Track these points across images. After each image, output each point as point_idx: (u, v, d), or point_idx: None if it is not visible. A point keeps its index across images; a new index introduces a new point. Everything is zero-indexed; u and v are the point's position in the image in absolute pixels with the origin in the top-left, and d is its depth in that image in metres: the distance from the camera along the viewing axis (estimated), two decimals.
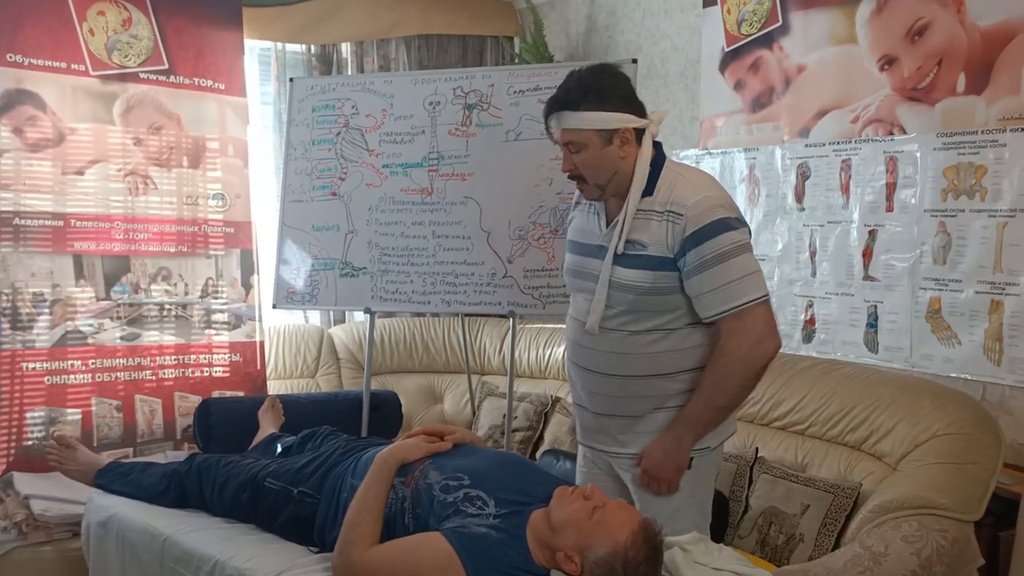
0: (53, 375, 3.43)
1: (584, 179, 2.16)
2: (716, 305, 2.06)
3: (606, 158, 2.12)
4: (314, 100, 3.71)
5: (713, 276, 2.05)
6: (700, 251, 2.04)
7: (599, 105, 2.08)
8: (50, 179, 3.43)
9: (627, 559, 1.84)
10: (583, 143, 2.11)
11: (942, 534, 2.26)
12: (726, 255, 2.04)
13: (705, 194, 2.08)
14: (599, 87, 2.10)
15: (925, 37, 2.96)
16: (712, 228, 2.04)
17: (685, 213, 2.05)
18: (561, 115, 2.12)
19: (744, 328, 2.06)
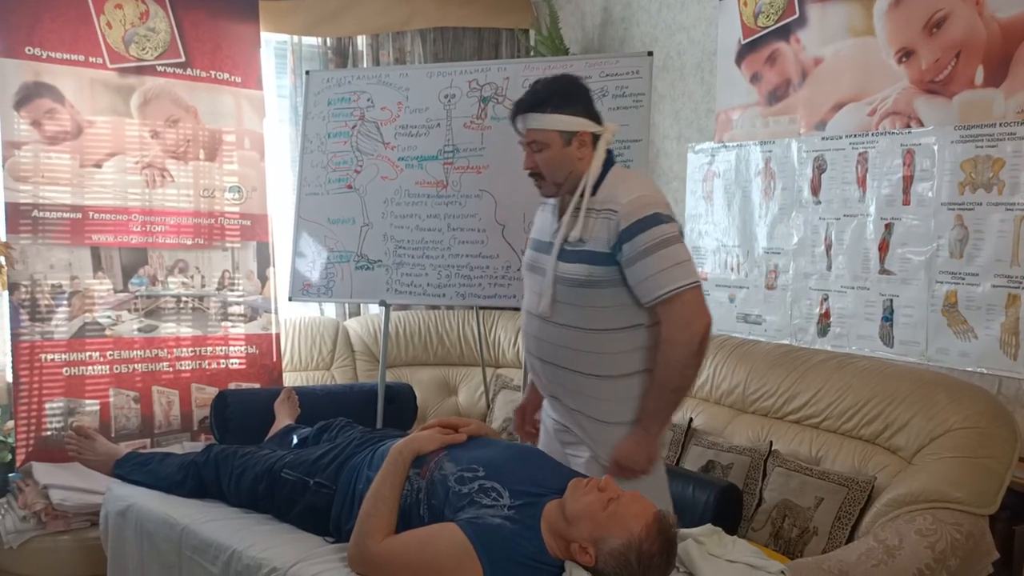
0: (71, 366, 3.47)
1: (543, 176, 2.34)
2: (651, 292, 2.21)
3: (565, 158, 2.29)
4: (330, 93, 3.72)
5: (646, 265, 2.20)
6: (634, 243, 2.20)
7: (563, 109, 2.27)
8: (68, 172, 3.46)
9: (641, 551, 1.85)
10: (546, 142, 2.28)
11: (957, 528, 2.26)
12: (657, 246, 2.19)
13: (639, 193, 2.24)
14: (564, 93, 2.30)
15: (943, 29, 2.94)
16: (644, 222, 2.19)
17: (619, 210, 2.22)
18: (528, 116, 2.30)
19: (675, 312, 2.21)
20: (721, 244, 3.78)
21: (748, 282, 3.68)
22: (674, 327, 2.21)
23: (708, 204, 3.84)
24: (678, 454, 3.05)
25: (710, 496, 2.59)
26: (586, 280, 2.24)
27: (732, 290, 3.75)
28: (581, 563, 1.92)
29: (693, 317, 2.21)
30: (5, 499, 3.24)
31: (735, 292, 3.74)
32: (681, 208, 3.98)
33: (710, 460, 2.91)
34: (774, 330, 3.56)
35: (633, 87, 3.33)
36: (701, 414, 3.19)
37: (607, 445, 2.30)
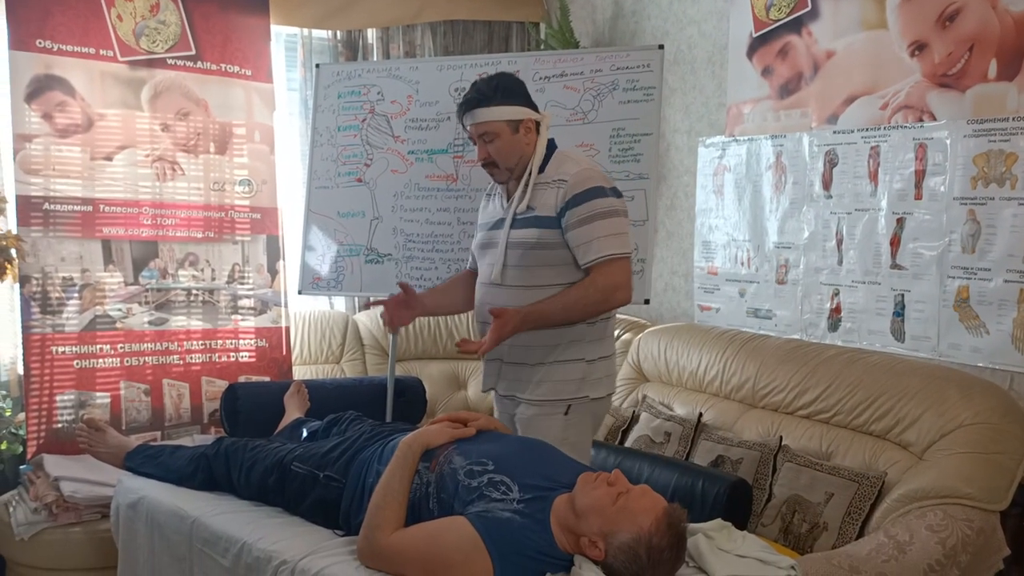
0: (82, 359, 3.48)
1: (496, 165, 2.58)
2: (591, 253, 2.47)
3: (515, 144, 2.55)
4: (340, 86, 3.72)
5: (588, 231, 2.46)
6: (577, 211, 2.47)
7: (507, 101, 2.53)
8: (79, 164, 3.46)
9: (651, 545, 1.85)
10: (496, 133, 2.53)
11: (967, 524, 2.25)
12: (599, 215, 2.46)
13: (585, 167, 2.55)
14: (505, 87, 2.55)
15: (956, 22, 2.92)
16: (588, 193, 2.47)
17: (568, 180, 2.50)
18: (478, 111, 2.53)
19: (611, 272, 2.48)
20: (731, 238, 3.77)
21: (758, 277, 3.67)
22: (607, 281, 2.48)
23: (719, 198, 3.83)
24: (688, 449, 3.04)
25: (720, 491, 2.59)
26: (536, 243, 2.51)
27: (742, 285, 3.74)
28: (591, 557, 1.92)
29: (622, 286, 2.50)
30: (16, 491, 3.26)
31: (745, 287, 3.73)
32: (691, 202, 3.97)
33: (720, 455, 2.91)
34: (784, 325, 3.55)
35: (644, 80, 3.32)
36: (711, 409, 3.19)
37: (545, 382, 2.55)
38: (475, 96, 2.53)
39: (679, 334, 3.52)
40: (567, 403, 2.56)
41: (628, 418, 3.32)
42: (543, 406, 2.56)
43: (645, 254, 3.27)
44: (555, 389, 2.55)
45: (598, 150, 3.33)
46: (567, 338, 2.54)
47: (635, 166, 3.29)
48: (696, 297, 3.96)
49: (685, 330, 3.55)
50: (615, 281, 2.48)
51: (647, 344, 3.59)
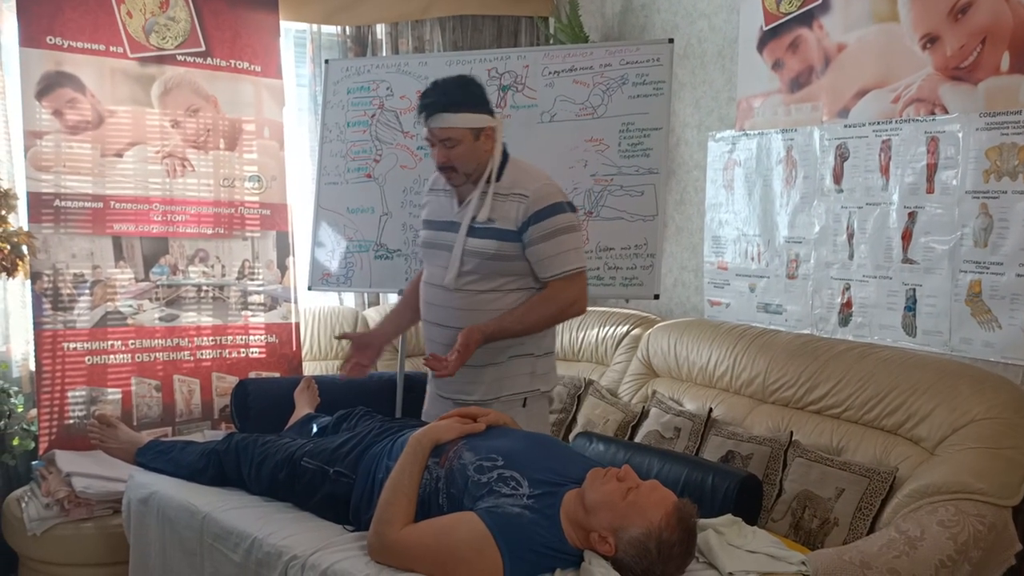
0: (94, 355, 3.49)
1: (455, 169, 2.57)
2: (552, 269, 2.55)
3: (476, 151, 2.55)
4: (349, 82, 3.72)
5: (549, 247, 2.54)
6: (539, 227, 2.52)
7: (473, 107, 2.54)
8: (89, 161, 3.47)
9: (661, 539, 1.85)
10: (459, 139, 2.52)
11: (979, 519, 2.24)
12: (559, 231, 2.53)
13: (543, 182, 2.59)
14: (472, 92, 2.56)
15: (969, 15, 2.90)
16: (550, 209, 2.53)
17: (529, 195, 2.54)
18: (443, 116, 2.51)
19: (569, 287, 2.57)
20: (741, 233, 3.76)
21: (769, 271, 3.66)
22: (565, 295, 2.57)
23: (729, 193, 3.82)
24: (698, 444, 3.04)
25: (730, 486, 2.58)
26: (494, 254, 2.55)
27: (752, 279, 3.73)
28: (601, 552, 1.92)
29: (578, 299, 2.60)
30: (28, 487, 3.28)
31: (755, 281, 3.71)
32: (701, 197, 3.96)
33: (730, 450, 2.90)
34: (795, 320, 3.54)
35: (653, 75, 3.31)
36: (721, 404, 3.18)
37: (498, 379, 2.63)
38: (443, 100, 2.51)
39: (689, 329, 3.51)
40: (523, 396, 2.67)
41: (638, 413, 3.32)
42: (501, 402, 2.62)
43: (655, 249, 3.26)
44: (510, 384, 2.65)
45: (607, 145, 3.32)
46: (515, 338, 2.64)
47: (645, 161, 3.28)
48: (706, 292, 3.95)
49: (695, 325, 3.54)
50: (572, 295, 2.58)
51: (657, 339, 3.58)
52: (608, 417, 3.36)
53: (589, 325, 3.94)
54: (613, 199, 3.31)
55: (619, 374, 3.67)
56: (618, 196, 3.30)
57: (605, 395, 3.50)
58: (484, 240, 2.56)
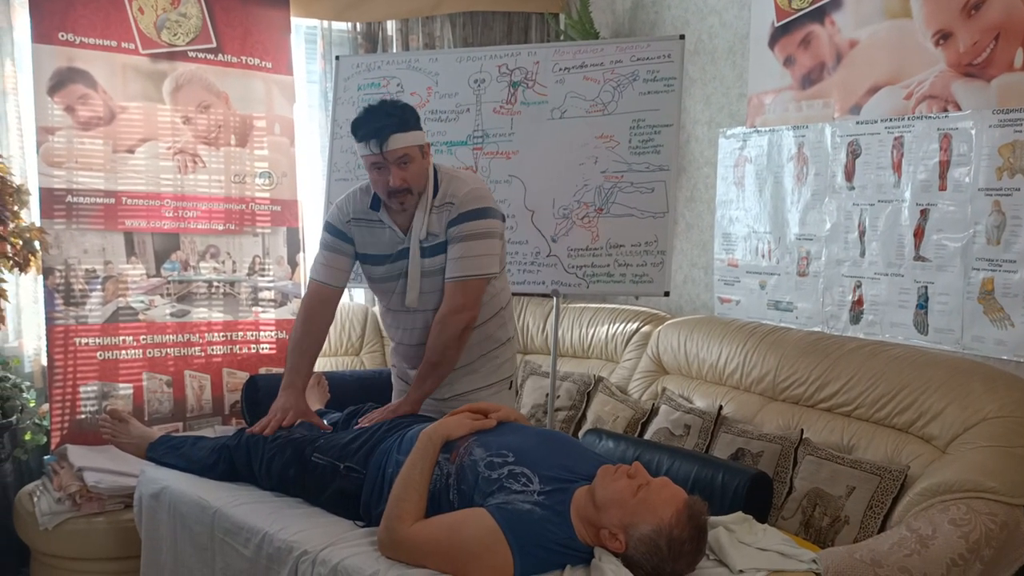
0: (105, 350, 3.50)
1: (410, 191, 2.60)
2: (452, 270, 2.62)
3: (424, 168, 2.63)
4: (359, 78, 3.72)
5: (462, 248, 2.61)
6: (456, 229, 2.61)
7: (416, 125, 2.61)
8: (101, 157, 3.49)
9: (672, 537, 1.85)
10: (413, 157, 2.58)
11: (991, 518, 2.23)
12: (477, 235, 2.61)
13: (472, 187, 2.66)
14: (409, 113, 2.61)
15: (982, 11, 2.89)
16: (470, 213, 2.60)
17: (455, 202, 2.62)
18: (399, 136, 2.54)
19: (456, 294, 2.63)
20: (752, 230, 3.75)
21: (779, 269, 3.65)
22: (449, 309, 2.63)
23: (739, 190, 3.81)
24: (708, 441, 3.03)
25: (740, 484, 2.58)
26: (442, 268, 2.64)
27: (763, 277, 3.72)
28: (611, 549, 1.92)
29: (467, 305, 2.64)
30: (40, 481, 3.29)
31: (766, 279, 3.70)
32: (712, 194, 3.95)
33: (740, 448, 2.90)
34: (805, 317, 3.53)
35: (664, 71, 3.31)
36: (731, 401, 3.17)
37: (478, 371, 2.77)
38: (393, 120, 2.55)
39: (699, 326, 3.50)
40: (508, 379, 2.86)
41: (648, 410, 3.32)
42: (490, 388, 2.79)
43: (665, 246, 3.26)
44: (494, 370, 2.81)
45: (618, 141, 3.32)
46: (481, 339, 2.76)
47: (655, 157, 3.28)
48: (716, 289, 3.95)
49: (705, 322, 3.54)
50: (460, 303, 2.63)
51: (667, 336, 3.58)
52: (618, 414, 3.36)
53: (599, 322, 3.94)
54: (623, 196, 3.31)
55: (629, 371, 3.67)
56: (628, 193, 3.30)
57: (615, 392, 3.50)
58: (435, 257, 2.65)
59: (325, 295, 2.84)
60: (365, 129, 2.56)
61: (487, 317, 2.77)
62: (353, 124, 2.60)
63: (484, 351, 2.80)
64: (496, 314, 2.81)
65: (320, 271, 2.83)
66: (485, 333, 2.78)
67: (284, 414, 2.72)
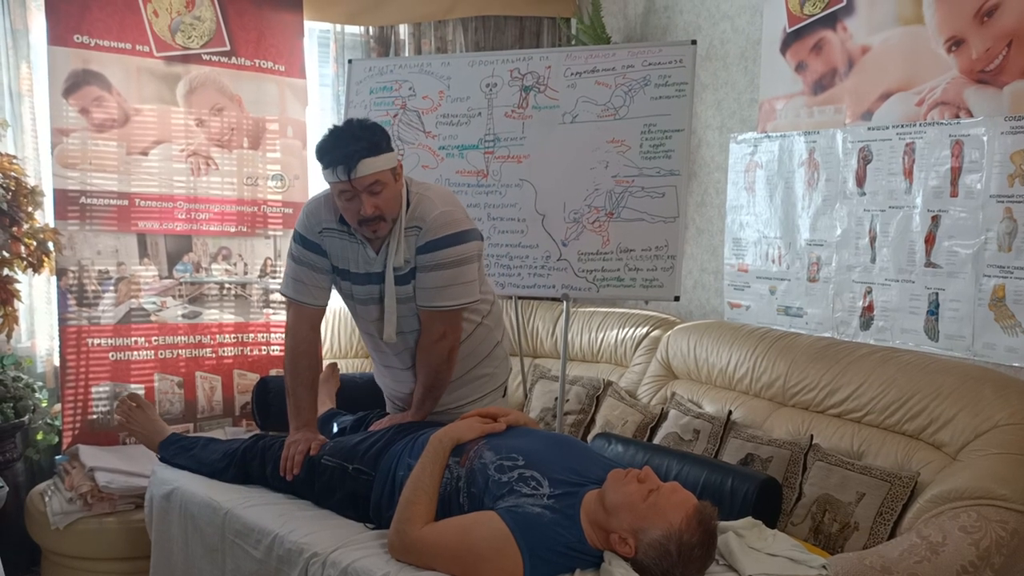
0: (117, 351, 3.52)
1: (383, 218, 2.44)
2: (424, 299, 2.50)
3: (397, 192, 2.45)
4: (372, 82, 3.73)
5: (434, 278, 2.47)
6: (432, 256, 2.45)
7: (387, 147, 2.44)
8: (115, 159, 3.51)
9: (681, 541, 1.85)
10: (385, 182, 2.40)
11: (1002, 525, 2.23)
12: (451, 264, 2.46)
13: (442, 209, 2.47)
14: (379, 134, 2.44)
15: (995, 18, 2.89)
16: (441, 241, 2.44)
17: (423, 226, 2.45)
18: (367, 162, 2.36)
19: (436, 323, 2.53)
20: (763, 235, 3.75)
21: (790, 274, 3.64)
22: (429, 338, 2.54)
23: (750, 195, 3.81)
24: (717, 447, 3.03)
25: (749, 489, 2.57)
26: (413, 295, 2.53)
27: (773, 282, 3.72)
28: (621, 554, 1.92)
29: (447, 332, 2.54)
30: (52, 481, 3.31)
31: (776, 284, 3.70)
32: (722, 199, 3.95)
33: (749, 453, 2.89)
34: (815, 323, 3.53)
35: (676, 76, 3.31)
36: (740, 407, 3.17)
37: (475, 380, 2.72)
38: (361, 145, 2.37)
39: (709, 331, 3.50)
40: (503, 385, 2.83)
41: (657, 415, 3.32)
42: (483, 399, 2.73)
43: (675, 251, 3.26)
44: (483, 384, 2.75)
45: (629, 146, 3.32)
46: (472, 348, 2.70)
47: (666, 162, 3.28)
48: (726, 294, 3.95)
49: (715, 327, 3.54)
50: (440, 331, 2.54)
51: (676, 341, 3.58)
52: (627, 418, 3.36)
53: (608, 326, 3.94)
54: (634, 200, 3.31)
55: (638, 375, 3.67)
56: (639, 197, 3.30)
57: (624, 396, 3.50)
58: (407, 285, 2.52)
59: (311, 317, 2.69)
60: (332, 155, 2.37)
61: (468, 333, 2.67)
62: (318, 149, 2.41)
63: (468, 367, 2.71)
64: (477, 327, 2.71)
65: (298, 289, 2.65)
66: (468, 349, 2.69)
67: (307, 444, 2.57)
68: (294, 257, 2.65)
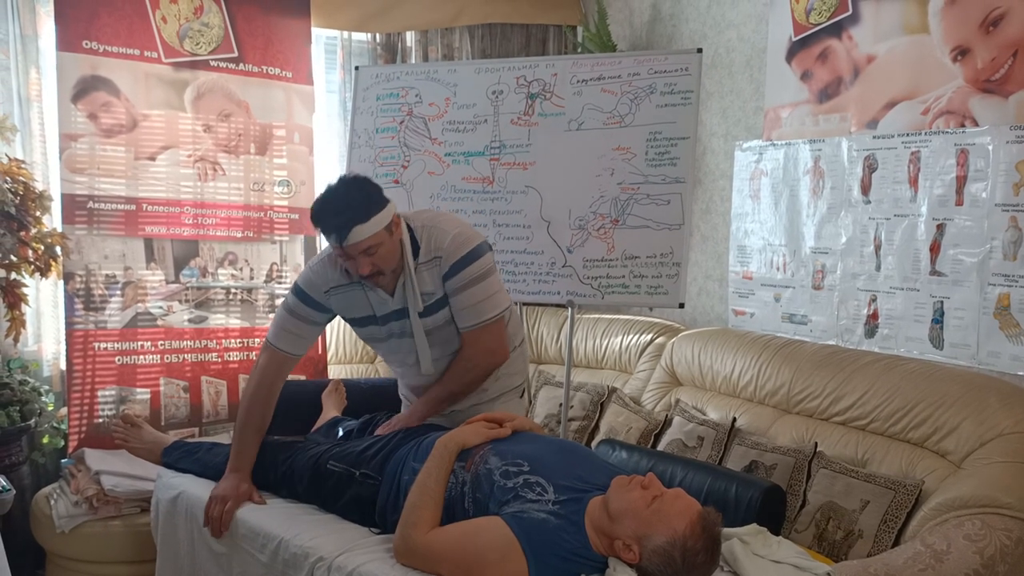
0: (124, 355, 3.54)
1: (382, 272, 2.48)
2: (466, 320, 2.55)
3: (394, 245, 2.48)
4: (378, 88, 3.75)
5: (465, 297, 2.52)
6: (455, 280, 2.50)
7: (378, 207, 2.42)
8: (123, 164, 3.52)
9: (686, 548, 1.85)
10: (379, 243, 2.42)
11: (1006, 534, 2.23)
12: (474, 280, 2.51)
13: (453, 233, 2.52)
14: (368, 194, 2.45)
15: (1000, 28, 2.89)
16: (463, 260, 2.50)
17: (443, 254, 2.50)
18: (358, 229, 2.38)
19: (482, 340, 2.57)
20: (767, 243, 3.76)
21: (794, 282, 3.65)
22: (479, 352, 2.58)
23: (755, 203, 3.81)
24: (721, 453, 3.04)
25: (753, 496, 2.58)
26: (448, 320, 2.57)
27: (778, 289, 3.72)
28: (625, 560, 1.92)
29: (497, 347, 2.61)
30: (57, 484, 3.32)
31: (781, 292, 3.71)
32: (727, 207, 3.96)
33: (753, 460, 2.90)
34: (820, 330, 3.53)
35: (682, 84, 3.32)
36: (745, 414, 3.17)
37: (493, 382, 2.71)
38: (351, 213, 2.38)
39: (713, 338, 3.51)
40: (521, 387, 2.82)
41: (661, 422, 3.32)
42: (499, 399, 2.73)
43: (680, 258, 3.27)
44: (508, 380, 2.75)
45: (635, 153, 3.34)
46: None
47: (671, 170, 3.29)
48: (731, 302, 3.95)
49: (719, 334, 3.54)
50: (489, 347, 2.59)
51: (681, 348, 3.58)
52: (631, 425, 3.37)
53: (613, 333, 3.95)
54: (639, 207, 3.32)
55: (642, 382, 3.67)
56: (644, 205, 3.31)
57: (628, 403, 3.51)
58: (434, 315, 2.56)
59: (284, 364, 2.69)
60: (324, 223, 2.41)
61: None
62: (312, 212, 2.45)
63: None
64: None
65: (284, 339, 2.65)
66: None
67: (223, 504, 2.51)
68: (289, 308, 2.66)
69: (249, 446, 2.65)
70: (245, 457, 2.64)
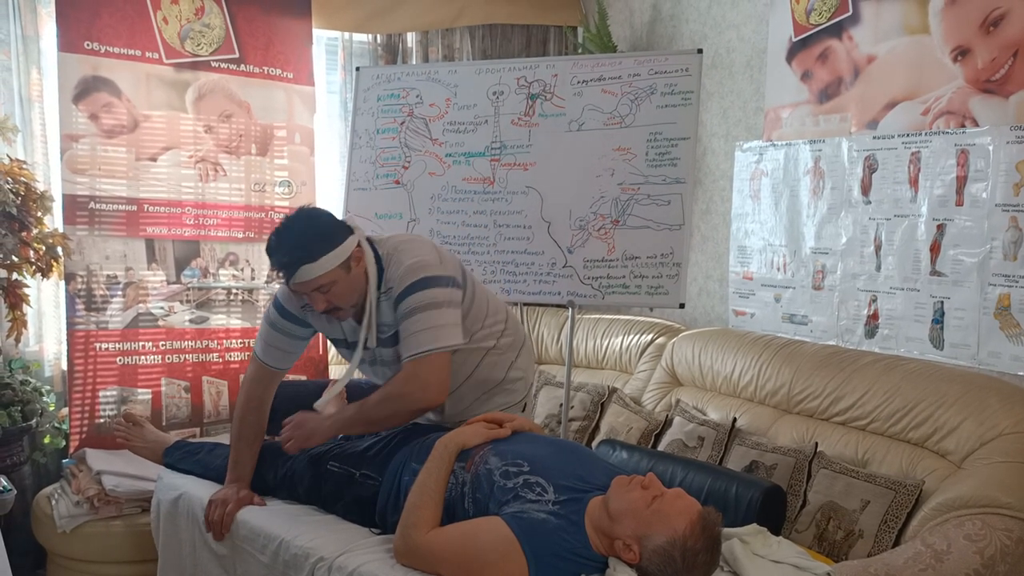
0: (125, 356, 3.54)
1: (340, 308, 2.41)
2: (407, 349, 2.39)
3: (354, 281, 2.40)
4: (379, 89, 3.76)
5: (407, 326, 2.39)
6: (403, 305, 2.39)
7: (327, 248, 2.33)
8: (124, 165, 3.53)
9: (686, 548, 1.85)
10: (332, 280, 2.35)
11: (1007, 534, 2.23)
12: (418, 309, 2.37)
13: (409, 262, 2.41)
14: (322, 233, 2.35)
15: (1000, 28, 2.89)
16: (412, 287, 2.38)
17: (394, 284, 2.41)
18: (305, 269, 2.31)
19: (416, 373, 2.38)
20: (768, 243, 3.76)
21: (794, 282, 3.65)
22: (412, 384, 2.39)
23: (755, 203, 3.82)
24: (721, 454, 3.04)
25: (754, 496, 2.58)
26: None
27: (778, 290, 3.72)
28: (625, 560, 1.93)
29: (433, 383, 2.40)
30: (58, 484, 3.32)
31: (781, 292, 3.71)
32: (727, 207, 3.96)
33: (753, 460, 2.90)
34: (820, 331, 3.53)
35: (682, 85, 3.32)
36: (745, 414, 3.18)
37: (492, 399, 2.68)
38: (298, 254, 2.31)
39: (713, 339, 3.51)
40: (523, 402, 2.76)
41: (661, 422, 3.32)
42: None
43: (680, 258, 3.28)
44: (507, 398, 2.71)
45: (635, 154, 3.34)
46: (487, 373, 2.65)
47: (672, 170, 3.29)
48: (731, 302, 3.95)
49: (719, 335, 3.54)
50: (424, 380, 2.38)
51: (681, 348, 3.58)
52: (631, 425, 3.37)
53: (613, 333, 3.95)
54: (640, 208, 3.32)
55: (643, 382, 3.68)
56: (645, 205, 3.32)
57: (628, 403, 3.51)
58: (394, 347, 2.48)
59: (273, 377, 2.69)
60: (273, 261, 2.38)
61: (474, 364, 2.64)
62: (267, 245, 2.40)
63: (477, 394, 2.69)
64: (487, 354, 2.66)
65: (271, 354, 2.64)
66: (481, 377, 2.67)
67: (223, 507, 2.52)
68: (271, 322, 2.63)
69: (246, 456, 2.64)
70: (243, 467, 2.64)
